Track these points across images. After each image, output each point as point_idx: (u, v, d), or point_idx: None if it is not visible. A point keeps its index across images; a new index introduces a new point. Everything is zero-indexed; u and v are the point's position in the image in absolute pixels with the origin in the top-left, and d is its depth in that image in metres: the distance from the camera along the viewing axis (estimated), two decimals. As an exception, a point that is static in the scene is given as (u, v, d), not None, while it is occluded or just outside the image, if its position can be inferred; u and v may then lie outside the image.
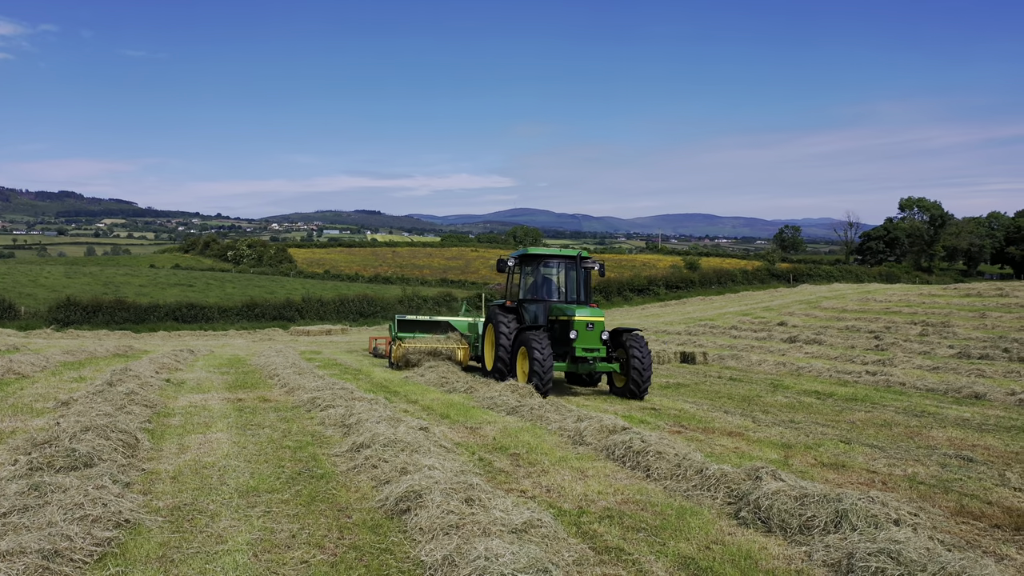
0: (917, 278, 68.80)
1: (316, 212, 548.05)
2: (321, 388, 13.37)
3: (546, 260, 16.56)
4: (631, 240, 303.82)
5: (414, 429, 9.48)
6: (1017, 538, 6.63)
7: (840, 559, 5.73)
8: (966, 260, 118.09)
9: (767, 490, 7.10)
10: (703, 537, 6.37)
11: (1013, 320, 30.44)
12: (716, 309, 46.26)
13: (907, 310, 36.62)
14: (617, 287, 55.14)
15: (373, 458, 8.28)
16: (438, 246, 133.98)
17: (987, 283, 52.05)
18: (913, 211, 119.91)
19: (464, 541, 5.55)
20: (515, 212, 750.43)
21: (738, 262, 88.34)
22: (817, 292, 51.61)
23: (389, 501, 6.85)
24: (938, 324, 30.51)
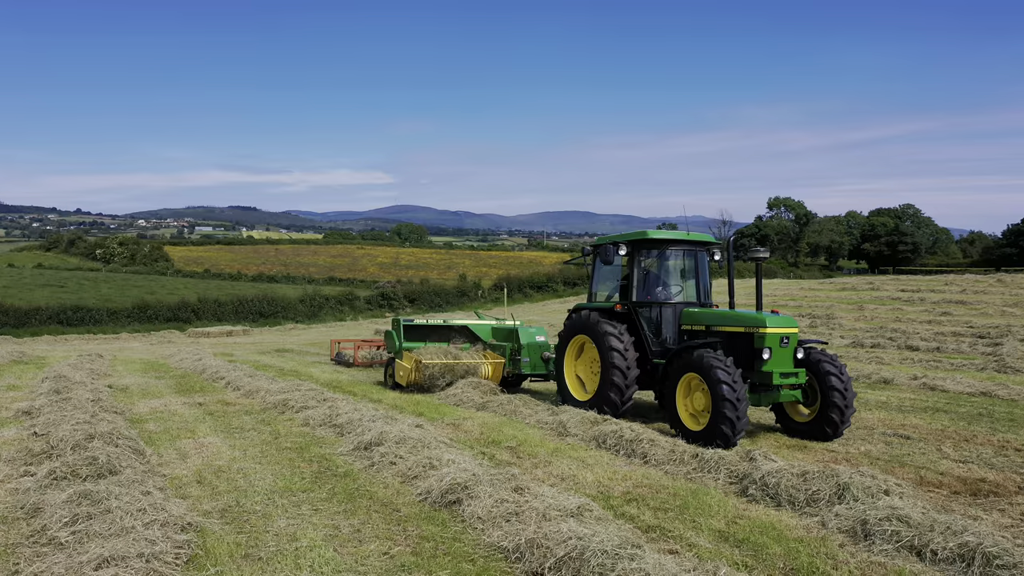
0: (791, 273, 73.39)
1: (187, 208, 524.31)
2: (286, 390, 13.33)
3: (673, 247, 12.14)
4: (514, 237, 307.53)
5: (412, 427, 9.78)
6: (978, 502, 7.69)
7: (854, 525, 6.54)
8: (827, 256, 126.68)
9: (768, 469, 7.90)
10: (725, 513, 7.07)
11: (888, 312, 33.29)
12: (614, 305, 47.91)
13: (792, 303, 39.26)
14: (517, 284, 56.16)
15: (390, 455, 8.56)
16: (322, 243, 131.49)
17: (859, 277, 56.30)
18: (780, 210, 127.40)
19: (537, 526, 6.01)
20: (396, 208, 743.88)
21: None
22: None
23: (433, 494, 7.19)
24: (824, 316, 32.93)
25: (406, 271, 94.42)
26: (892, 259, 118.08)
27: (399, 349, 15.42)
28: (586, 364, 12.36)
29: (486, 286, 56.82)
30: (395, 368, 15.01)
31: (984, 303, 33.17)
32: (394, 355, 15.43)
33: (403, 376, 14.66)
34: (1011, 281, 39.91)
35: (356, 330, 41.60)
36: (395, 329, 15.72)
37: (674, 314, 11.78)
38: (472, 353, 15.22)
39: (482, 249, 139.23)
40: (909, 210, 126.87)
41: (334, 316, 47.71)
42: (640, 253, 12.05)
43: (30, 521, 6.36)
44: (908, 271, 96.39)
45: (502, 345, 15.24)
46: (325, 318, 47.20)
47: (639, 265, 12.03)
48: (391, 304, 49.60)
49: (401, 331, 15.64)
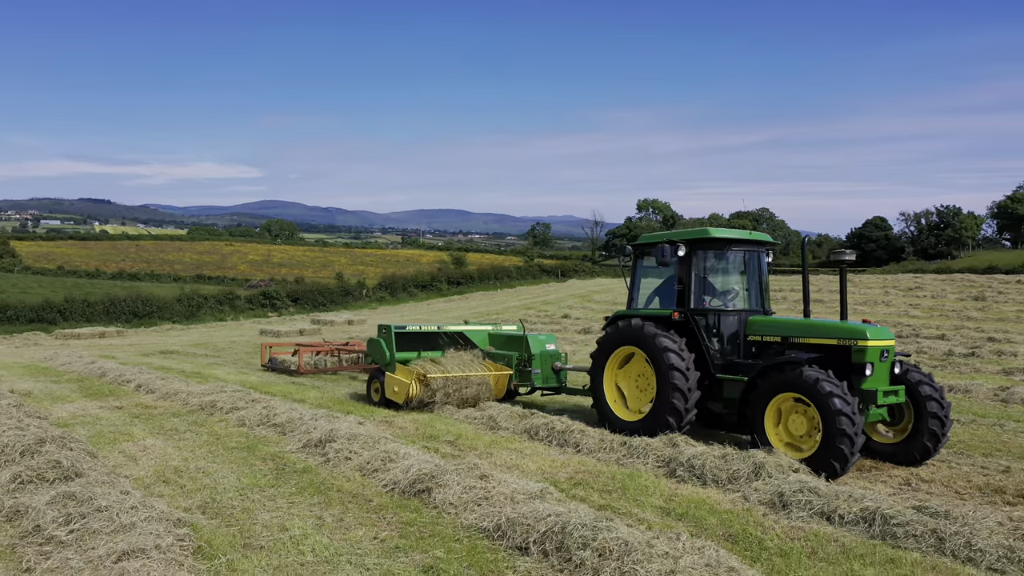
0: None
1: (31, 200, 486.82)
2: (210, 392, 13.34)
3: (735, 247, 11.04)
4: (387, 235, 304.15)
5: (356, 424, 10.23)
6: (864, 476, 9.00)
7: (772, 497, 7.62)
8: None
9: (692, 453, 8.93)
10: (661, 492, 7.99)
11: (786, 310, 35.95)
12: (499, 303, 49.05)
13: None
14: (402, 283, 56.31)
15: (344, 451, 9.01)
16: (187, 240, 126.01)
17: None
18: (649, 211, 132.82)
19: (511, 508, 6.70)
20: (264, 204, 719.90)
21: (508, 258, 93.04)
22: (586, 287, 56.41)
23: (401, 484, 7.75)
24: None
25: (279, 269, 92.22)
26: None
27: (390, 360, 13.25)
28: (630, 378, 11.04)
29: (371, 285, 56.64)
30: (385, 382, 12.92)
31: (834, 300, 36.39)
32: (383, 367, 13.38)
33: (399, 392, 12.60)
34: (859, 281, 43.84)
35: (238, 331, 40.66)
36: (384, 337, 13.63)
37: (738, 323, 10.66)
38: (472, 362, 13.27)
39: (357, 247, 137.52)
40: (765, 213, 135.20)
41: (214, 316, 46.33)
42: (698, 254, 10.80)
43: (15, 523, 6.45)
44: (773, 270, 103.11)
45: (507, 354, 13.56)
46: (204, 318, 45.76)
47: (697, 267, 10.76)
48: (274, 304, 48.63)
49: (393, 339, 13.45)
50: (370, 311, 49.01)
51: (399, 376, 12.71)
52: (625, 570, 5.38)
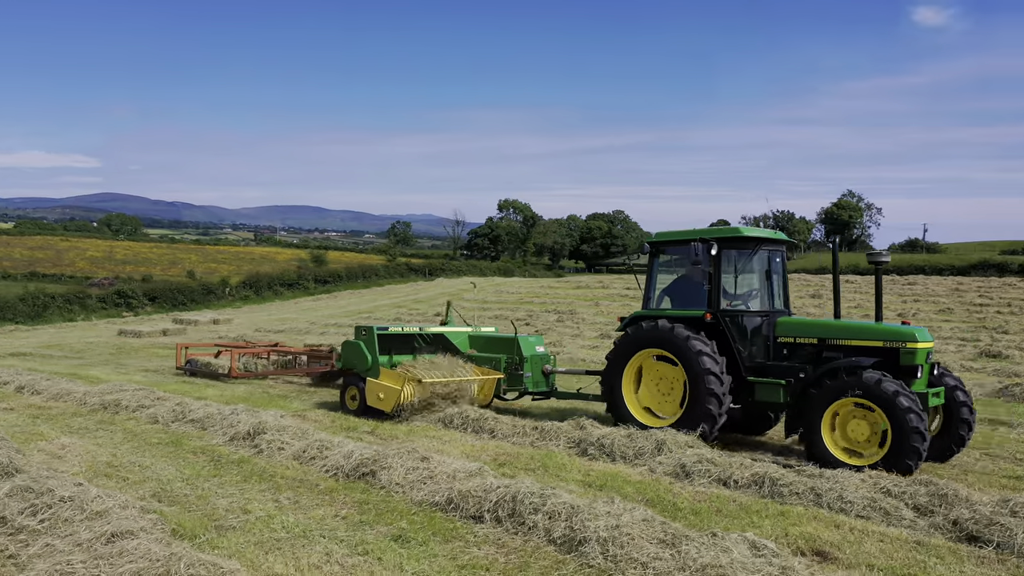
0: (526, 272, 79.18)
1: None
2: (108, 392, 13.08)
3: (764, 246, 10.80)
4: (238, 231, 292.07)
5: (278, 417, 10.54)
6: (746, 445, 10.30)
7: (676, 468, 8.72)
8: (551, 256, 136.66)
9: (600, 433, 9.94)
10: (579, 469, 8.92)
11: (620, 307, 37.99)
12: (369, 302, 48.99)
13: (538, 300, 43.13)
14: (267, 281, 54.99)
15: (276, 442, 9.37)
16: (15, 234, 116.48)
17: (590, 276, 62.53)
18: (510, 211, 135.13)
19: (461, 484, 7.40)
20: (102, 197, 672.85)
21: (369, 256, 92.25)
22: (455, 285, 57.19)
23: (344, 469, 8.27)
24: (567, 312, 36.83)
25: (124, 267, 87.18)
26: (606, 259, 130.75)
27: (372, 365, 12.29)
28: (651, 382, 10.65)
29: (233, 283, 54.93)
30: (367, 389, 11.98)
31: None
32: (362, 373, 12.44)
33: (385, 399, 11.62)
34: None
35: (93, 332, 38.55)
36: (364, 339, 12.65)
37: (766, 324, 10.51)
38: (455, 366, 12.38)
39: (209, 244, 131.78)
40: (620, 215, 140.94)
41: (62, 316, 43.54)
42: (728, 253, 10.55)
43: (-28, 518, 6.48)
44: (620, 271, 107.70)
45: (494, 357, 12.87)
46: (52, 319, 42.94)
47: (727, 267, 10.60)
48: (129, 303, 46.25)
49: (375, 342, 12.48)
50: (234, 310, 47.67)
51: (385, 382, 11.72)
52: (576, 527, 6.22)
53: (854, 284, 41.02)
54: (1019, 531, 6.50)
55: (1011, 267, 50.21)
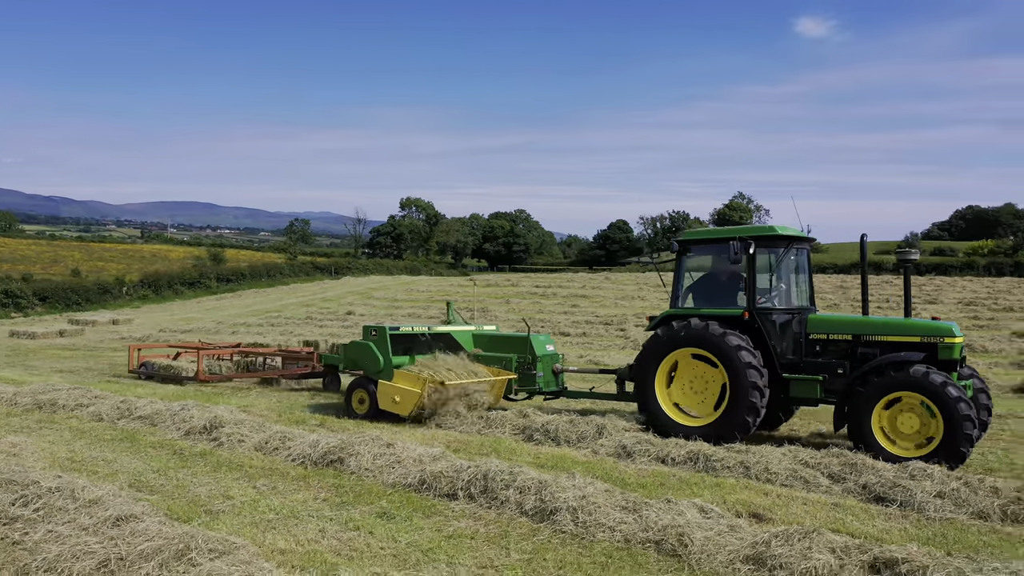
0: (432, 271, 79.34)
1: None
2: (41, 391, 12.85)
3: (796, 245, 10.91)
4: (123, 228, 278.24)
5: (233, 411, 10.77)
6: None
7: (617, 450, 9.53)
8: (454, 254, 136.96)
9: (544, 420, 10.66)
10: (528, 452, 9.60)
11: (530, 304, 39.01)
12: (276, 301, 48.20)
13: (448, 299, 43.59)
14: (167, 280, 53.20)
15: (236, 435, 9.66)
16: None
17: (498, 275, 63.38)
18: (412, 210, 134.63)
19: (430, 466, 7.95)
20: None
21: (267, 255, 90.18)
22: (363, 284, 56.93)
23: (312, 457, 8.67)
24: (480, 309, 37.48)
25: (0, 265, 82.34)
26: (508, 258, 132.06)
27: (385, 367, 11.96)
28: (683, 382, 10.65)
29: (131, 281, 52.86)
30: (379, 392, 11.54)
31: (602, 296, 40.51)
32: (372, 375, 12.09)
33: (402, 402, 11.23)
34: (617, 279, 48.86)
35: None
36: (375, 340, 12.29)
37: (798, 321, 10.59)
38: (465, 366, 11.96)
39: (93, 241, 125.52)
40: (522, 214, 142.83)
41: (-58, 317, 40.98)
42: (762, 251, 10.64)
43: (-39, 510, 6.57)
44: (522, 269, 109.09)
45: (504, 356, 12.61)
46: (-70, 319, 40.33)
47: (761, 265, 10.68)
48: (18, 303, 43.85)
49: (388, 343, 12.15)
50: (133, 310, 46.00)
51: (401, 384, 11.31)
52: (546, 499, 6.90)
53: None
54: (917, 491, 7.59)
55: (886, 266, 54.37)
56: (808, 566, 5.47)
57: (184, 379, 16.30)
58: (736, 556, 5.81)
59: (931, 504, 7.40)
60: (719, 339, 10.07)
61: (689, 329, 10.39)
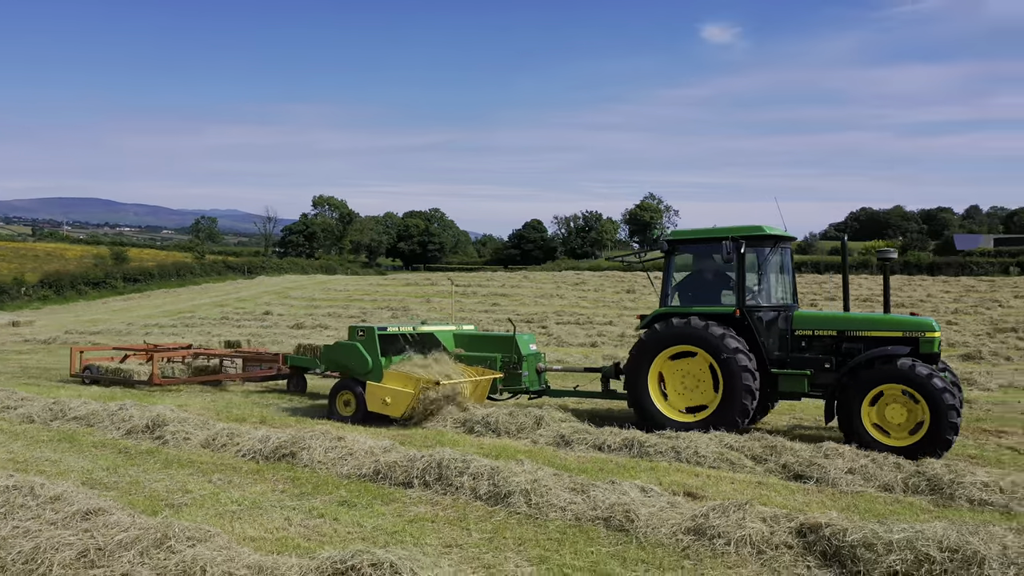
0: (349, 270, 78.51)
1: None
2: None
3: (781, 244, 11.27)
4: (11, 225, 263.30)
5: (173, 409, 10.76)
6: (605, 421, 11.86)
7: (556, 439, 10.06)
8: (368, 254, 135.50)
9: (483, 413, 11.09)
10: (471, 443, 9.99)
11: (450, 303, 39.33)
12: (188, 301, 46.98)
13: (368, 298, 43.46)
14: (69, 280, 51.01)
15: (181, 432, 9.73)
16: None
17: (417, 274, 63.32)
18: (325, 208, 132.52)
19: (382, 456, 8.27)
20: None
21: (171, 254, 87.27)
22: (279, 283, 55.99)
23: (264, 451, 8.87)
24: (400, 308, 37.64)
25: None
26: (423, 257, 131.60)
27: (374, 368, 11.78)
28: (675, 378, 10.85)
29: (30, 281, 50.45)
30: (368, 393, 11.41)
31: (521, 295, 41.21)
32: (360, 376, 11.87)
33: (394, 403, 11.13)
34: (535, 278, 49.66)
35: None
36: (362, 340, 12.09)
37: (784, 318, 10.87)
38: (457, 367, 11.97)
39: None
40: (437, 213, 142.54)
41: None
42: (751, 251, 10.90)
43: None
44: (437, 268, 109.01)
45: (488, 356, 12.61)
46: None
47: (751, 264, 10.93)
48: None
49: (376, 343, 11.98)
50: (34, 312, 44.05)
51: (393, 385, 11.21)
52: (499, 484, 7.34)
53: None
54: (831, 468, 8.38)
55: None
56: (743, 534, 6.08)
57: (135, 383, 15.58)
58: (678, 528, 6.38)
59: (843, 479, 8.20)
60: (711, 336, 10.30)
61: (686, 327, 10.57)
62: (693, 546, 6.08)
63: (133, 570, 5.20)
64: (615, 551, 6.04)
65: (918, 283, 42.51)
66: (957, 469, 8.06)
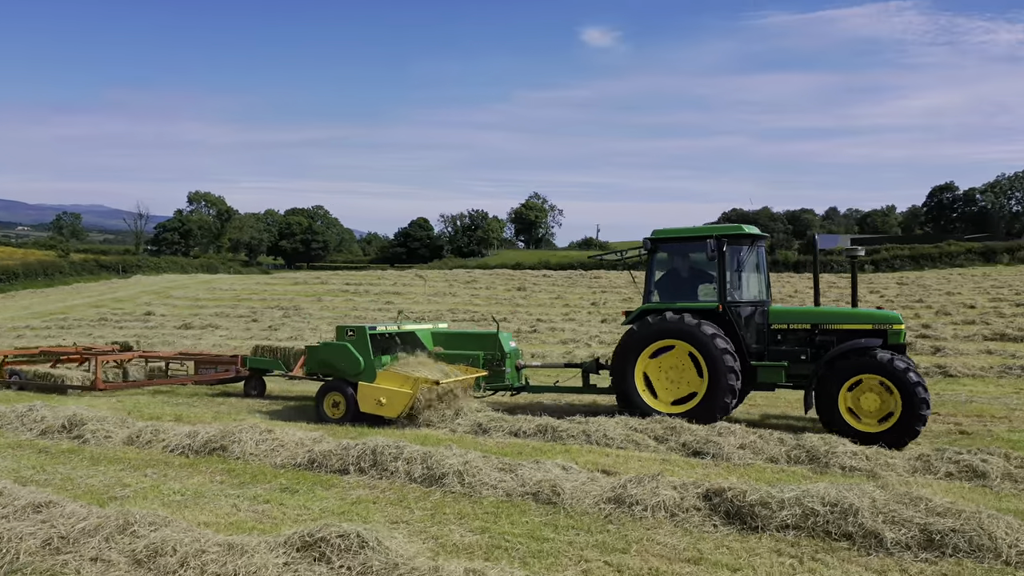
0: (231, 268, 76.15)
1: None
2: None
3: (758, 243, 11.86)
4: None
5: (88, 408, 10.67)
6: (518, 408, 12.56)
7: (474, 427, 10.68)
8: (248, 252, 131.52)
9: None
10: (395, 433, 10.45)
11: (343, 302, 39.19)
12: (59, 302, 44.58)
13: (257, 297, 42.59)
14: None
15: (101, 431, 9.76)
16: None
17: (306, 272, 62.20)
18: (201, 204, 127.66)
19: (312, 446, 8.63)
20: None
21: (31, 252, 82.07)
22: (158, 283, 53.80)
23: (194, 447, 9.05)
24: (292, 308, 37.18)
25: None
26: (306, 256, 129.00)
27: (366, 368, 11.73)
28: (660, 371, 11.25)
29: None
30: (361, 394, 11.06)
31: (414, 293, 41.49)
32: (351, 377, 11.78)
33: (389, 404, 10.86)
34: (428, 276, 49.98)
35: None
36: (352, 341, 12.00)
37: (760, 313, 11.39)
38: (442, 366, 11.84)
39: None
40: (320, 211, 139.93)
41: None
42: (730, 249, 11.31)
43: None
44: (321, 267, 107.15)
45: (471, 354, 12.60)
46: None
47: (731, 262, 11.34)
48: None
49: (368, 343, 11.88)
50: None
51: (388, 385, 10.99)
52: (432, 466, 7.88)
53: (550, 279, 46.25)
54: (725, 444, 9.37)
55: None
56: (658, 500, 6.88)
57: (70, 388, 14.66)
58: (600, 499, 7.12)
59: (736, 454, 9.20)
60: (699, 332, 10.76)
61: (671, 323, 11.03)
62: (615, 513, 6.83)
63: (102, 554, 5.44)
64: (547, 520, 6.71)
65: (786, 279, 45.57)
66: (831, 441, 9.21)
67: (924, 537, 5.96)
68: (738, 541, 6.21)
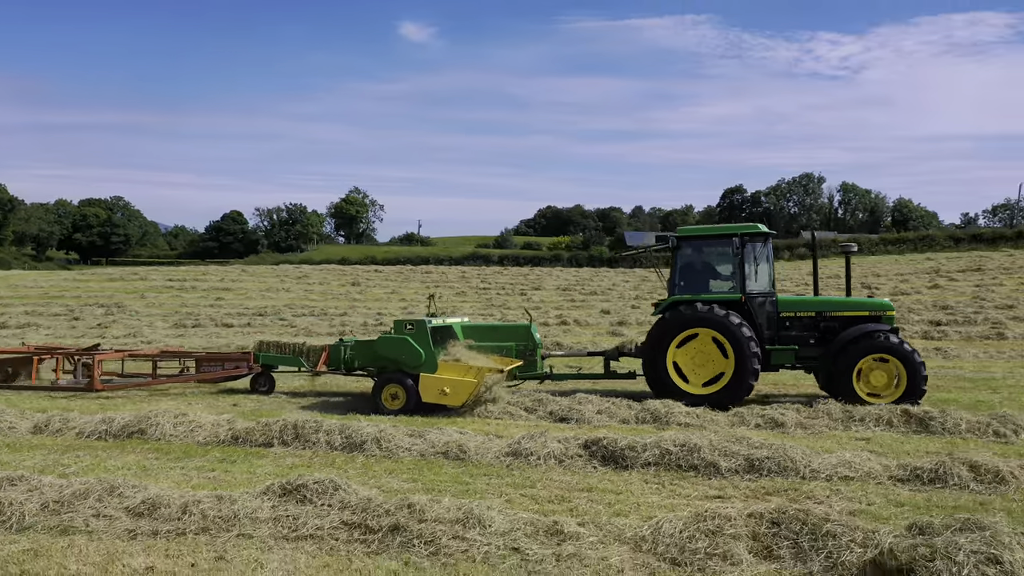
0: (25, 264, 70.10)
1: None
2: None
3: (767, 239, 13.05)
4: None
5: None
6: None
7: (364, 406, 11.86)
8: (36, 246, 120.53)
9: (305, 389, 12.49)
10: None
11: (170, 298, 38.03)
12: None
13: (70, 294, 40.15)
14: None
15: (5, 422, 9.97)
16: None
17: (119, 268, 58.47)
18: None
19: (235, 426, 9.53)
20: None
21: None
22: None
23: (112, 430, 9.70)
24: (112, 305, 35.64)
25: None
26: (105, 250, 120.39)
27: (427, 360, 12.01)
28: (687, 357, 12.41)
29: None
30: (423, 385, 11.72)
31: (245, 289, 40.92)
32: (410, 369, 12.04)
33: (453, 393, 11.59)
34: (255, 272, 49.11)
35: None
36: (411, 334, 12.24)
37: (770, 302, 12.70)
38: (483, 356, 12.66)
39: None
40: (120, 202, 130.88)
41: None
42: (748, 245, 12.66)
43: None
44: (122, 263, 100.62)
45: (503, 345, 13.41)
46: None
47: (748, 257, 12.65)
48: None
49: (428, 335, 12.19)
50: None
51: (451, 375, 11.78)
52: (351, 436, 9.11)
53: (379, 273, 47.04)
54: (585, 411, 11.25)
55: (492, 259, 62.61)
56: (548, 451, 8.55)
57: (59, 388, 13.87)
58: (500, 453, 8.69)
59: (595, 419, 11.10)
60: (722, 320, 12.05)
61: (699, 312, 12.25)
62: (515, 463, 8.42)
63: (102, 511, 6.28)
64: (461, 471, 8.19)
65: (604, 274, 49.26)
66: (669, 404, 11.34)
67: (748, 464, 8.05)
68: (615, 476, 8.01)
